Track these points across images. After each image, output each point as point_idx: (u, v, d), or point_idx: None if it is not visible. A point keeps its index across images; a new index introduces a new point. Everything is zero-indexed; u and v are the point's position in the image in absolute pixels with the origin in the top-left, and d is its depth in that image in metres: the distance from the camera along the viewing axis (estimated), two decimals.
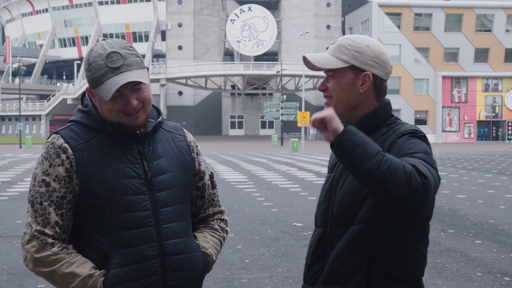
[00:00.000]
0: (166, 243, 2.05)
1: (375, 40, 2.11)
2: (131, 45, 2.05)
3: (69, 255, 1.98)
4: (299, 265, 7.08)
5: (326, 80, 2.11)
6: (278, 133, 64.30)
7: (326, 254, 2.09)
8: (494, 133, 63.68)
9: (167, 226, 2.06)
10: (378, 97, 2.09)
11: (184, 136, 2.22)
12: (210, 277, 6.52)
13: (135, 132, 2.05)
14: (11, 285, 6.24)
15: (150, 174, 2.05)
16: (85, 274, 1.96)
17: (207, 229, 2.24)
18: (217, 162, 27.86)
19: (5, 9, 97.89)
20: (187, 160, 2.17)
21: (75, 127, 2.07)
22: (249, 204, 12.86)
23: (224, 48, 77.88)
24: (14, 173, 21.80)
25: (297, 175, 20.38)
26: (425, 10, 62.35)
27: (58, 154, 2.00)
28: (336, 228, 2.06)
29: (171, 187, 2.09)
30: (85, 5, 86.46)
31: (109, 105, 2.00)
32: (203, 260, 2.15)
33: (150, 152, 2.08)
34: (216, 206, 2.29)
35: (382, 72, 2.08)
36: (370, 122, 2.06)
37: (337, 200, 2.07)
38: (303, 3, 74.85)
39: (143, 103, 2.02)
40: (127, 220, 2.01)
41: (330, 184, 2.14)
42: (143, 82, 1.99)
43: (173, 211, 2.08)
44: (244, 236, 8.96)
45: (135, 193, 2.02)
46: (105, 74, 1.96)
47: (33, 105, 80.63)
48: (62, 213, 2.00)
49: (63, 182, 1.99)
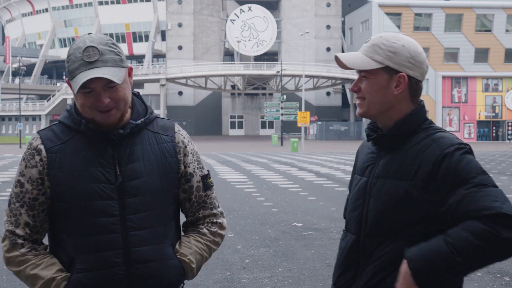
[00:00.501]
0: (134, 250, 1.99)
1: (411, 38, 2.03)
2: (114, 43, 2.00)
3: (36, 257, 1.99)
4: (299, 265, 7.08)
5: (358, 80, 2.03)
6: (278, 133, 64.28)
7: (359, 261, 2.02)
8: (494, 133, 63.68)
9: (136, 233, 1.99)
10: (413, 98, 2.01)
11: (172, 136, 2.11)
12: (210, 277, 6.53)
13: (110, 134, 2.00)
14: (11, 285, 6.24)
15: (121, 179, 1.99)
16: (48, 277, 1.96)
17: (194, 233, 2.16)
18: (217, 162, 27.87)
19: (5, 9, 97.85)
20: (170, 163, 2.08)
21: (57, 127, 2.06)
22: (249, 204, 12.85)
23: (224, 48, 77.87)
24: (14, 173, 21.77)
25: (297, 175, 20.37)
26: (425, 10, 62.35)
27: (33, 155, 2.00)
28: (371, 237, 1.99)
29: (145, 193, 2.01)
30: (85, 5, 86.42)
31: (82, 100, 1.97)
32: (177, 268, 2.06)
33: (126, 156, 2.02)
34: (208, 209, 2.17)
35: (418, 73, 2.00)
36: (406, 127, 1.99)
37: (374, 207, 1.99)
38: (303, 3, 74.83)
39: (116, 102, 1.96)
40: (93, 225, 1.97)
41: (363, 189, 2.05)
42: (113, 80, 1.92)
43: (145, 217, 2.01)
44: (244, 236, 8.96)
45: (103, 198, 1.97)
46: (79, 68, 1.93)
47: (33, 105, 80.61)
48: (34, 215, 2.00)
49: (35, 184, 1.99)
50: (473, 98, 62.92)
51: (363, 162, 2.11)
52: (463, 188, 1.84)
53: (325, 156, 33.56)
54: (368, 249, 2.00)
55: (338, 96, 75.07)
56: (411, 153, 1.95)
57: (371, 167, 2.05)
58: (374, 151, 2.08)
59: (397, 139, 2.00)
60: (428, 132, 1.98)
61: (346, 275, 2.06)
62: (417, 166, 1.92)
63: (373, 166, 2.05)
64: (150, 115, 2.11)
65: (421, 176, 1.90)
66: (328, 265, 7.09)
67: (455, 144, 1.91)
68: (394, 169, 1.97)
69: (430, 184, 1.89)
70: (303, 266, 7.07)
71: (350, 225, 2.09)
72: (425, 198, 1.90)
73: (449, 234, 1.83)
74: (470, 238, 1.78)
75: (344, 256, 2.08)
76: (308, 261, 7.32)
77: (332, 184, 17.31)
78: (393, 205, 1.94)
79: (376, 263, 1.97)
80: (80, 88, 1.92)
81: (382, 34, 2.04)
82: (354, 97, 72.87)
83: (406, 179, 1.93)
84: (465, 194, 1.84)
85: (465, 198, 1.83)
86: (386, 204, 1.96)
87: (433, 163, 1.89)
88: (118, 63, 1.96)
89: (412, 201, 1.91)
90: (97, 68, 1.91)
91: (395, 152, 2.00)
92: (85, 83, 1.91)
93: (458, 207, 1.84)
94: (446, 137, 1.95)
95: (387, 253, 1.95)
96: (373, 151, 2.08)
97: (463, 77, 62.49)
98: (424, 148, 1.93)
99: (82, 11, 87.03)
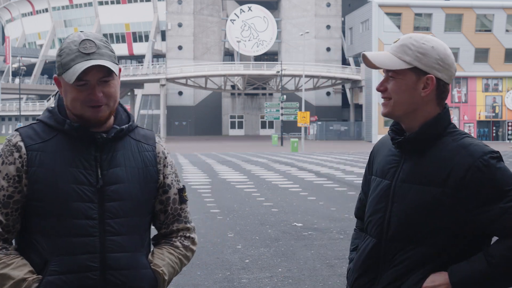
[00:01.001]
0: (110, 256, 1.94)
1: (439, 40, 2.00)
2: (107, 41, 2.01)
3: (7, 256, 1.91)
4: (299, 265, 7.08)
5: (385, 80, 2.01)
6: (278, 133, 64.24)
7: (379, 265, 2.01)
8: (494, 133, 63.66)
9: (113, 239, 1.95)
10: (440, 101, 1.99)
11: (153, 146, 2.10)
12: (210, 277, 6.53)
13: (94, 135, 1.98)
14: None
15: (102, 183, 1.96)
16: (19, 277, 1.89)
17: (167, 245, 2.12)
18: (217, 162, 27.86)
19: (5, 9, 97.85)
20: (150, 172, 2.06)
21: (37, 126, 2.01)
22: (249, 204, 12.85)
23: (224, 48, 77.87)
24: None
25: (297, 175, 20.37)
26: (425, 10, 62.33)
27: (11, 152, 1.95)
28: (394, 242, 1.97)
29: (125, 198, 1.98)
30: (85, 5, 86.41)
31: (74, 94, 1.94)
32: (150, 278, 2.02)
33: (108, 160, 1.99)
34: (182, 222, 2.14)
35: (446, 76, 1.97)
36: (432, 131, 1.96)
37: (398, 212, 1.97)
38: (303, 3, 74.83)
39: (108, 98, 1.95)
40: (72, 226, 1.92)
41: (385, 192, 2.02)
42: (113, 72, 1.93)
43: (123, 223, 1.97)
44: (244, 236, 8.96)
45: (84, 200, 1.94)
46: (75, 59, 1.91)
47: (33, 105, 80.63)
48: (7, 213, 1.93)
49: (12, 181, 1.93)
50: (473, 98, 62.92)
51: (384, 164, 2.07)
52: (502, 202, 1.86)
53: (325, 156, 33.55)
54: (389, 253, 1.98)
55: (338, 96, 75.05)
56: (439, 159, 1.93)
57: (394, 170, 2.02)
58: (396, 154, 2.04)
59: (423, 143, 1.98)
60: (454, 136, 1.97)
61: (365, 277, 2.05)
62: (447, 172, 1.90)
63: (396, 169, 2.02)
64: (133, 122, 2.09)
65: (451, 183, 1.89)
66: (328, 265, 7.09)
67: (488, 153, 1.89)
68: (421, 174, 1.95)
69: (461, 192, 1.88)
70: (303, 266, 7.07)
71: (371, 228, 2.06)
72: (454, 205, 1.89)
73: (491, 254, 1.86)
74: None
75: (363, 258, 2.06)
76: (308, 261, 7.32)
77: (332, 184, 17.31)
78: (419, 210, 1.92)
79: (397, 267, 1.96)
80: (76, 80, 1.90)
81: (411, 34, 2.02)
82: (353, 97, 72.15)
83: (435, 185, 1.91)
84: (504, 209, 1.85)
85: (504, 214, 1.85)
86: (411, 209, 1.94)
87: (465, 170, 1.88)
88: (113, 59, 1.97)
89: (439, 207, 1.90)
90: (95, 60, 1.91)
91: (420, 156, 1.98)
92: (81, 75, 1.90)
93: (495, 222, 1.86)
94: (476, 143, 1.93)
95: (409, 258, 1.94)
96: (395, 154, 2.05)
97: (463, 77, 62.45)
98: (454, 154, 1.92)
99: (82, 11, 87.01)
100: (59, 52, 1.96)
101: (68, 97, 1.96)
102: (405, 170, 1.99)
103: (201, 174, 21.01)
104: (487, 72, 62.79)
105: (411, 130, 2.00)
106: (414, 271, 1.92)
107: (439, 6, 62.43)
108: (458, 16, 62.67)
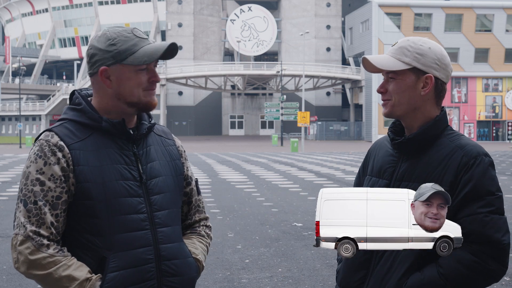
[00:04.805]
0: (162, 247, 2.00)
1: (435, 42, 2.10)
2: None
3: (65, 258, 1.89)
4: (299, 265, 7.09)
5: (385, 82, 2.09)
6: (278, 133, 64.29)
7: (370, 261, 2.07)
8: (494, 133, 63.66)
9: (162, 230, 2.01)
10: (438, 100, 2.08)
11: (173, 140, 2.19)
12: (210, 277, 6.54)
13: (130, 131, 2.01)
14: (11, 285, 6.25)
15: (145, 177, 2.01)
16: (83, 277, 1.88)
17: (195, 235, 2.20)
18: (217, 162, 27.86)
19: (5, 9, 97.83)
20: (178, 165, 2.14)
21: (69, 125, 1.99)
22: (249, 204, 12.86)
23: (224, 48, 77.87)
24: (14, 173, 21.79)
25: (297, 175, 20.38)
26: (425, 10, 62.33)
27: (53, 152, 1.91)
28: None
29: (165, 191, 2.05)
30: (85, 5, 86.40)
31: (135, 79, 1.97)
32: (195, 266, 2.10)
33: (144, 155, 2.04)
34: (202, 212, 2.25)
35: (444, 75, 2.07)
36: (431, 133, 2.05)
37: None
38: (303, 3, 74.82)
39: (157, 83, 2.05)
40: (124, 222, 1.95)
41: None
42: (175, 54, 2.01)
43: (167, 215, 2.04)
44: (244, 236, 8.97)
45: (132, 195, 1.97)
46: (137, 44, 1.96)
47: (33, 105, 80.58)
48: (57, 214, 1.91)
49: (58, 182, 1.90)
50: (473, 98, 62.91)
51: (381, 164, 2.15)
52: (476, 205, 1.93)
53: (325, 156, 33.56)
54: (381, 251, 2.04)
55: (338, 96, 75.05)
56: (436, 159, 2.01)
57: (392, 170, 2.10)
58: (394, 154, 2.11)
59: (422, 144, 2.05)
60: (451, 137, 2.05)
61: (358, 274, 2.10)
62: (444, 172, 1.98)
63: (394, 169, 2.09)
64: (152, 119, 2.14)
65: (447, 182, 1.97)
66: (328, 265, 7.10)
67: (482, 154, 1.99)
68: (419, 173, 2.02)
69: (455, 190, 1.96)
70: (303, 266, 7.08)
71: None
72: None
73: (441, 265, 1.93)
74: (461, 269, 1.90)
75: (356, 256, 2.09)
76: (308, 261, 7.33)
77: (332, 184, 17.31)
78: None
79: (387, 263, 2.02)
80: (141, 64, 1.96)
81: (408, 37, 2.11)
82: (353, 97, 72.06)
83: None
84: (475, 212, 1.92)
85: (475, 217, 1.92)
86: None
87: (460, 168, 1.97)
88: None
89: None
90: (155, 44, 1.99)
91: (417, 156, 2.04)
92: (152, 58, 1.95)
93: (465, 221, 1.92)
94: (472, 144, 2.02)
95: (399, 254, 2.00)
96: (393, 154, 2.12)
97: (463, 77, 62.45)
98: (450, 154, 2.00)
99: (82, 11, 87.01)
100: (111, 42, 1.96)
101: (126, 84, 1.98)
102: (403, 169, 2.06)
103: (201, 174, 21.01)
104: (487, 72, 62.79)
105: (411, 128, 2.08)
106: (404, 265, 1.98)
107: (439, 6, 62.42)
108: (458, 16, 62.68)
